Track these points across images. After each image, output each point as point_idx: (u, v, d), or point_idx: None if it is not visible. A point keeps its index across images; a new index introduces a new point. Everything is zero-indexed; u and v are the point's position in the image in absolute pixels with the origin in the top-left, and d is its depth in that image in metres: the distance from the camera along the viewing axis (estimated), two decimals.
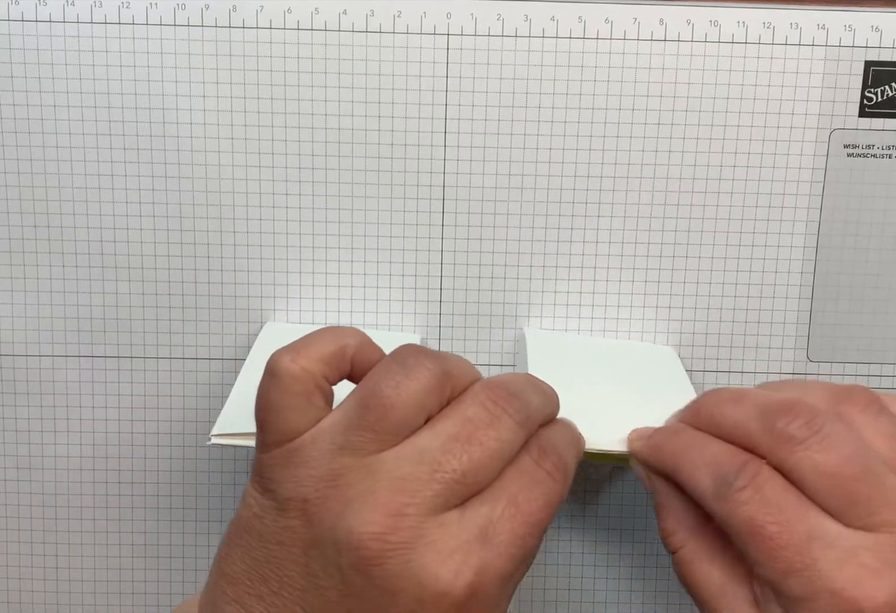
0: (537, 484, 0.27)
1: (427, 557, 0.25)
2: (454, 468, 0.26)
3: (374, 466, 0.26)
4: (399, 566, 0.25)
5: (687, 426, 0.30)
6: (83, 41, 0.40)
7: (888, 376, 0.43)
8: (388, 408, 0.26)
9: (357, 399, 0.27)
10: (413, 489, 0.25)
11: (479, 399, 0.27)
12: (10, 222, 0.41)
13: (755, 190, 0.41)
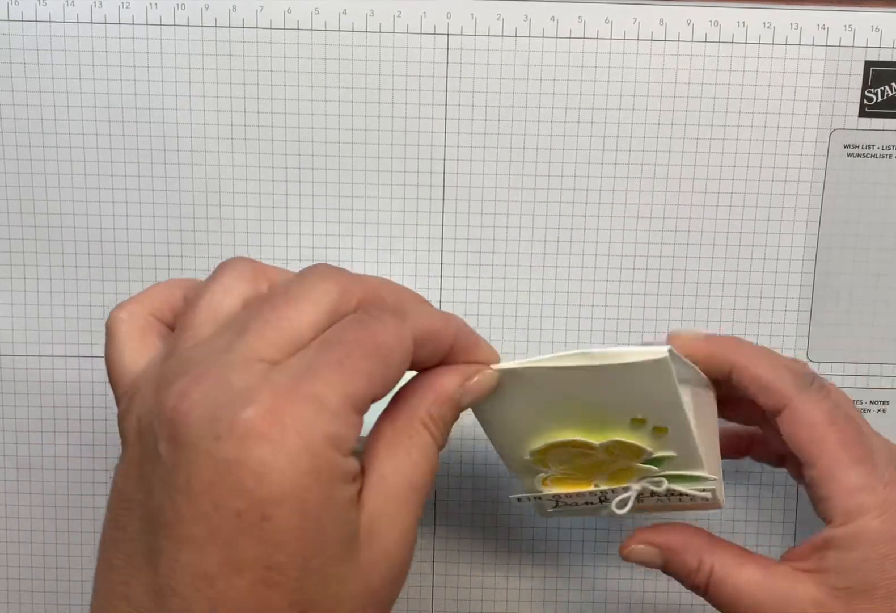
0: (355, 324, 0.25)
1: (221, 395, 0.23)
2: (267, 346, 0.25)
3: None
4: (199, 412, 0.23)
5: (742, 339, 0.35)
6: (83, 41, 0.40)
7: (888, 377, 0.43)
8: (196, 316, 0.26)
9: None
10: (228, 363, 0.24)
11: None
12: (10, 222, 0.41)
13: (755, 190, 0.41)
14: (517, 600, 0.44)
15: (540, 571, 0.44)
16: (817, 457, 0.31)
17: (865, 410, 0.43)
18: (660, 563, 0.34)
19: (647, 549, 0.34)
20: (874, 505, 0.30)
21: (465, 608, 0.44)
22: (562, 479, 0.34)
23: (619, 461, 0.32)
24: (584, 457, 0.32)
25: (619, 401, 0.30)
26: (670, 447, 0.31)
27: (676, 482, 0.33)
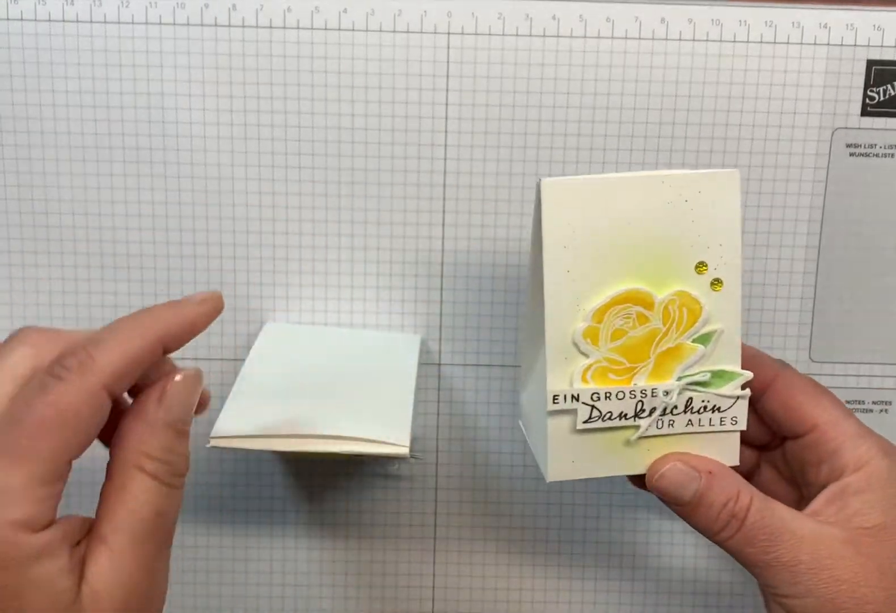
0: (37, 390, 0.26)
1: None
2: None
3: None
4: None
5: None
6: (83, 40, 0.40)
7: (890, 377, 0.42)
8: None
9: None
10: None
11: None
12: (10, 222, 0.41)
13: (757, 189, 0.41)
14: (518, 600, 0.44)
15: (541, 571, 0.44)
16: (817, 415, 0.33)
17: (867, 410, 0.43)
18: (696, 488, 0.32)
19: (687, 470, 0.32)
20: (879, 448, 0.32)
21: (466, 608, 0.44)
22: (603, 370, 0.32)
23: (671, 333, 0.32)
24: (640, 324, 0.32)
25: (687, 230, 0.31)
26: (721, 313, 0.32)
27: (715, 385, 0.33)
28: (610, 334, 0.32)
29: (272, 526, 0.44)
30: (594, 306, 0.32)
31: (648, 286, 0.32)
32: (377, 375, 0.38)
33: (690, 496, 0.32)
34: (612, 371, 0.33)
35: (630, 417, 0.33)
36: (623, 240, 0.31)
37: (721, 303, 0.32)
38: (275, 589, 0.44)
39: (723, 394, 0.33)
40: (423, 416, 0.43)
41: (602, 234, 0.31)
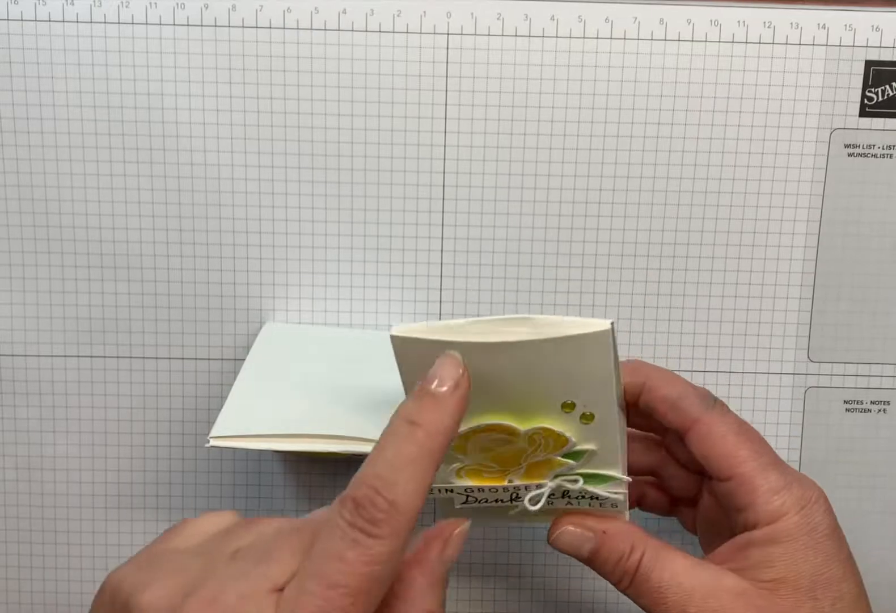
0: (343, 548, 0.25)
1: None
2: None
3: None
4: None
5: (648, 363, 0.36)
6: (83, 41, 0.40)
7: (889, 377, 0.43)
8: None
9: None
10: None
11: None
12: (10, 222, 0.41)
13: (755, 190, 0.41)
14: (517, 600, 0.44)
15: (540, 571, 0.44)
16: (733, 467, 0.33)
17: (866, 410, 0.43)
18: (590, 548, 0.33)
19: (579, 532, 0.34)
20: (793, 503, 0.32)
21: (466, 608, 0.44)
22: (477, 471, 0.33)
23: (538, 452, 0.32)
24: (506, 445, 0.32)
25: (553, 378, 0.30)
26: (593, 439, 0.32)
27: (590, 483, 0.33)
28: (478, 449, 0.32)
29: None
30: (459, 431, 0.30)
31: (513, 421, 0.31)
32: (377, 374, 0.38)
33: (586, 554, 0.34)
34: (486, 472, 0.33)
35: (506, 501, 0.34)
36: (483, 384, 0.29)
37: (594, 431, 0.31)
38: None
39: (598, 492, 0.33)
40: None
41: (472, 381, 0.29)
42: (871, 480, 0.43)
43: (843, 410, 0.43)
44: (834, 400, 0.43)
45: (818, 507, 0.32)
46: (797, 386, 0.42)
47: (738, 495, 0.33)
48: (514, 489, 0.33)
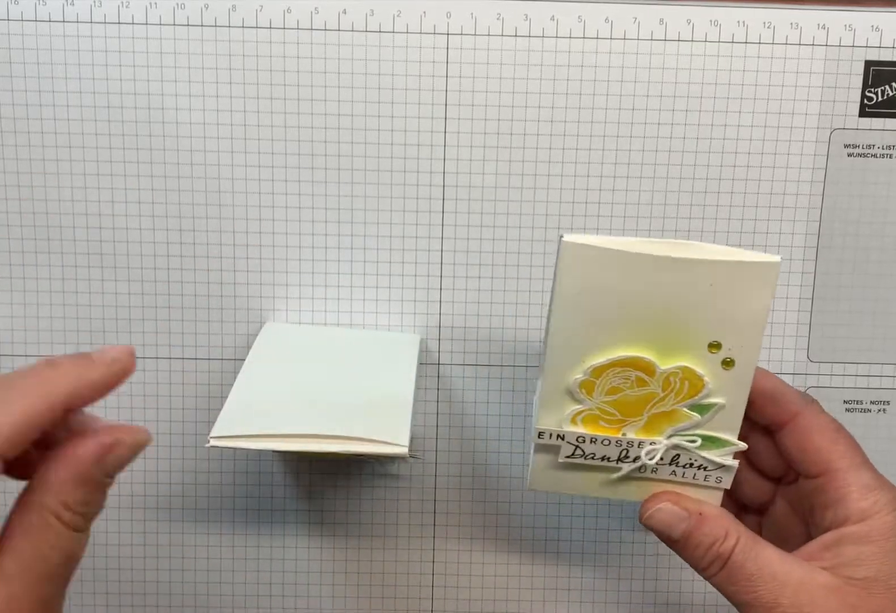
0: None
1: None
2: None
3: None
4: None
5: None
6: (83, 41, 0.40)
7: (888, 377, 0.43)
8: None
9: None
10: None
11: None
12: (10, 222, 0.41)
13: (755, 190, 0.41)
14: (517, 600, 0.44)
15: (540, 571, 0.44)
16: (831, 461, 0.33)
17: (865, 410, 0.43)
18: (684, 528, 0.33)
19: (677, 511, 0.33)
20: (887, 502, 0.32)
21: (465, 607, 0.44)
22: (594, 418, 0.33)
23: (668, 399, 0.32)
24: (637, 387, 0.32)
25: (708, 311, 0.30)
26: (726, 391, 0.32)
27: (705, 447, 0.33)
28: (606, 389, 0.32)
29: (272, 526, 0.44)
30: (594, 363, 0.32)
31: (654, 356, 0.31)
32: (377, 374, 0.38)
33: (679, 535, 0.33)
34: (604, 420, 0.33)
35: (613, 460, 0.34)
36: (636, 309, 0.31)
37: (729, 381, 0.32)
38: (274, 588, 0.44)
39: (711, 458, 0.33)
40: (423, 416, 0.43)
41: (616, 300, 0.31)
42: None
43: (843, 410, 0.43)
44: (834, 400, 0.43)
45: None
46: (797, 386, 0.42)
47: (830, 490, 0.33)
48: (627, 444, 0.33)
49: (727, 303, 0.30)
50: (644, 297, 0.30)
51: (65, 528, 0.27)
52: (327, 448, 0.33)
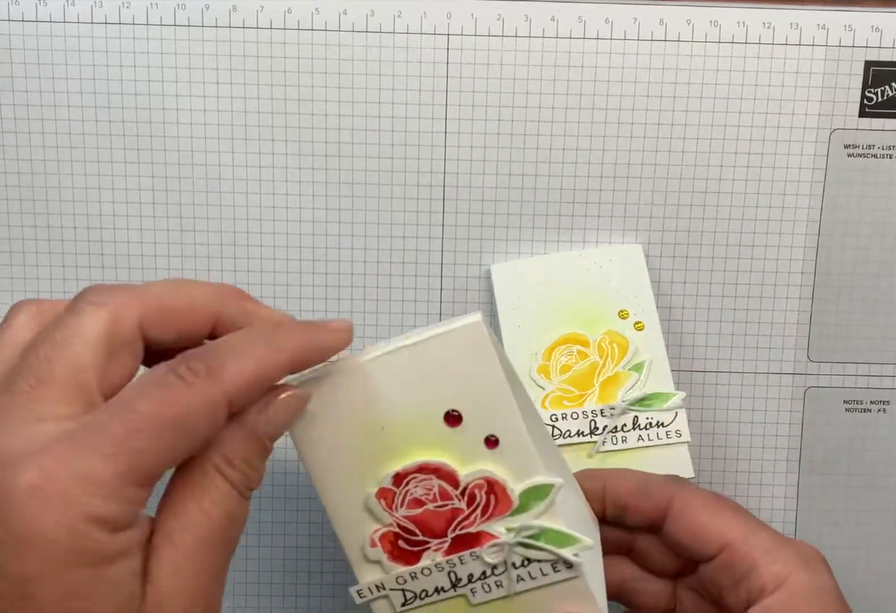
0: (158, 386, 0.24)
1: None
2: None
3: None
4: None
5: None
6: (83, 41, 0.40)
7: (888, 377, 0.43)
8: None
9: None
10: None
11: None
12: (11, 222, 0.41)
13: (755, 190, 0.41)
14: None
15: None
16: (724, 532, 0.31)
17: (865, 410, 0.43)
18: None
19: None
20: (797, 559, 0.30)
21: None
22: (558, 398, 0.37)
23: (608, 366, 0.40)
24: (581, 359, 0.39)
25: (605, 288, 0.38)
26: (646, 346, 0.36)
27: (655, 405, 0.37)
28: (559, 369, 0.39)
29: (272, 526, 0.44)
30: (543, 347, 0.40)
31: (583, 330, 0.40)
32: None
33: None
34: (566, 399, 0.39)
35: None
36: (559, 298, 0.40)
37: (645, 340, 0.39)
38: (275, 588, 0.44)
39: (662, 409, 0.38)
40: None
41: (541, 296, 0.40)
42: (871, 479, 0.43)
43: (843, 410, 0.43)
44: (834, 400, 0.43)
45: (821, 564, 0.30)
46: (797, 386, 0.43)
47: (735, 562, 0.30)
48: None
49: (616, 277, 0.40)
50: (560, 289, 0.40)
51: (227, 484, 0.26)
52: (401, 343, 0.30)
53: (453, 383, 0.28)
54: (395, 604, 0.30)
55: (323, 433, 0.28)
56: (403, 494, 0.29)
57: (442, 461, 0.29)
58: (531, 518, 0.29)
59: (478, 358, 0.28)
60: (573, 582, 0.30)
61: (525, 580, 0.30)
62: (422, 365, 0.28)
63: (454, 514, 0.29)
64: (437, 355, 0.28)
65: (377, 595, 0.30)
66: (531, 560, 0.29)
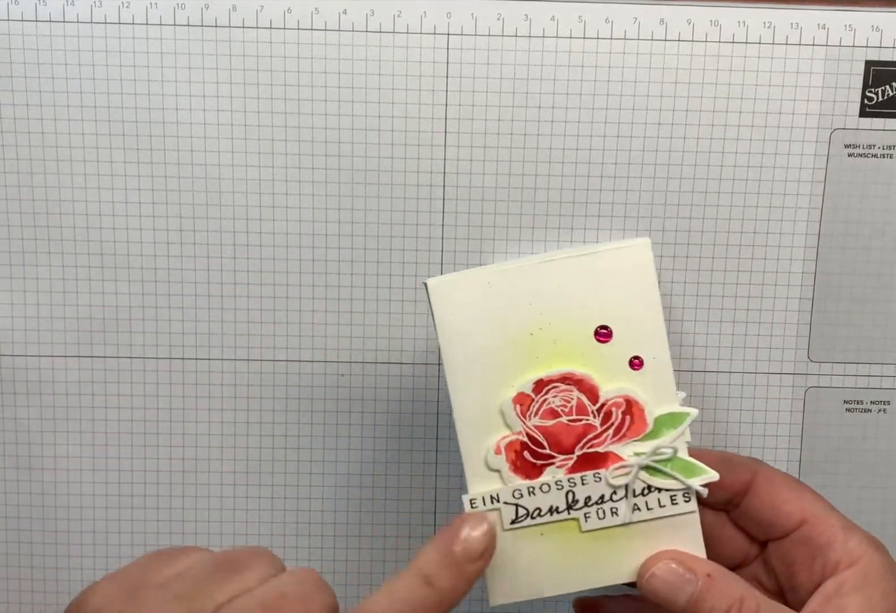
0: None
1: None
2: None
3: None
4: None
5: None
6: (83, 41, 0.40)
7: (889, 377, 0.43)
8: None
9: None
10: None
11: None
12: (10, 222, 0.41)
13: (755, 190, 0.41)
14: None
15: None
16: (805, 509, 0.32)
17: (866, 410, 0.43)
18: (691, 592, 0.29)
19: (679, 572, 0.29)
20: (869, 541, 0.31)
21: (466, 607, 0.44)
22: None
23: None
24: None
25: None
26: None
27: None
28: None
29: (273, 525, 0.44)
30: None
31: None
32: None
33: (685, 600, 0.29)
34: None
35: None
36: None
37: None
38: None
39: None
40: (423, 415, 0.43)
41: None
42: (871, 480, 0.43)
43: (843, 410, 0.43)
44: (834, 400, 0.43)
45: (887, 550, 0.31)
46: (797, 386, 0.43)
47: (814, 537, 0.31)
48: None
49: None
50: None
51: (425, 591, 0.27)
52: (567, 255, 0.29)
53: (610, 299, 0.28)
54: (505, 520, 0.30)
55: (469, 329, 0.28)
56: (541, 402, 0.29)
57: (587, 373, 0.29)
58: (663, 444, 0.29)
59: (638, 280, 0.28)
60: (687, 518, 0.30)
61: (641, 510, 0.29)
62: (584, 278, 0.28)
63: (586, 430, 0.29)
64: (601, 270, 0.28)
65: (489, 507, 0.29)
66: (652, 489, 0.29)
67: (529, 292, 0.28)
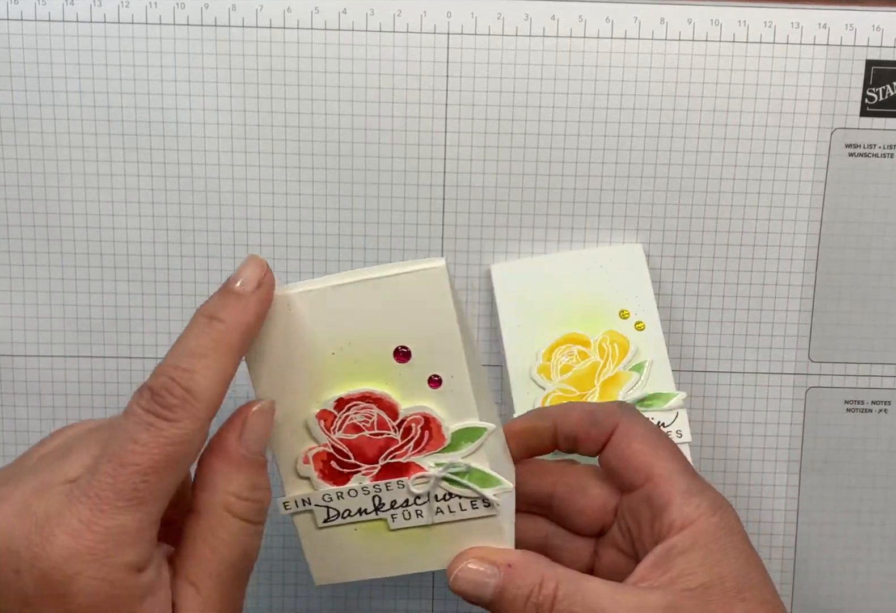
0: (145, 431, 0.26)
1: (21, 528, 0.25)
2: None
3: None
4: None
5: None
6: (83, 41, 0.40)
7: (889, 377, 0.43)
8: None
9: None
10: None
11: None
12: (10, 222, 0.41)
13: (756, 190, 0.41)
14: None
15: None
16: (653, 465, 0.31)
17: (866, 410, 0.43)
18: (496, 585, 0.30)
19: (481, 569, 0.30)
20: (709, 505, 0.30)
21: (466, 608, 0.44)
22: (559, 398, 0.35)
23: (608, 366, 0.38)
24: (582, 359, 0.38)
25: (605, 288, 0.35)
26: (646, 347, 0.35)
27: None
28: (560, 369, 0.39)
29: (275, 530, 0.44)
30: (543, 347, 0.39)
31: (584, 330, 0.39)
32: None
33: (491, 594, 0.30)
34: (567, 399, 0.39)
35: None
36: (559, 298, 0.40)
37: (646, 340, 0.39)
38: (275, 588, 0.44)
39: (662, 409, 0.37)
40: None
41: (542, 296, 0.40)
42: (871, 480, 0.43)
43: (844, 410, 0.43)
44: (834, 400, 0.43)
45: (731, 512, 0.31)
46: (797, 386, 0.42)
47: (655, 497, 0.31)
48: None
49: (617, 277, 0.39)
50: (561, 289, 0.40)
51: (240, 522, 0.28)
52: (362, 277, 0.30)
53: (409, 320, 0.29)
54: (318, 520, 0.31)
55: (274, 351, 0.30)
56: (343, 418, 0.31)
57: (386, 392, 0.30)
58: (460, 457, 0.31)
59: (435, 302, 0.29)
60: (489, 520, 0.31)
61: (444, 513, 0.31)
62: (381, 299, 0.29)
63: (388, 443, 0.31)
64: (398, 292, 0.29)
65: (302, 509, 0.31)
66: (453, 495, 0.31)
67: (329, 312, 0.29)
